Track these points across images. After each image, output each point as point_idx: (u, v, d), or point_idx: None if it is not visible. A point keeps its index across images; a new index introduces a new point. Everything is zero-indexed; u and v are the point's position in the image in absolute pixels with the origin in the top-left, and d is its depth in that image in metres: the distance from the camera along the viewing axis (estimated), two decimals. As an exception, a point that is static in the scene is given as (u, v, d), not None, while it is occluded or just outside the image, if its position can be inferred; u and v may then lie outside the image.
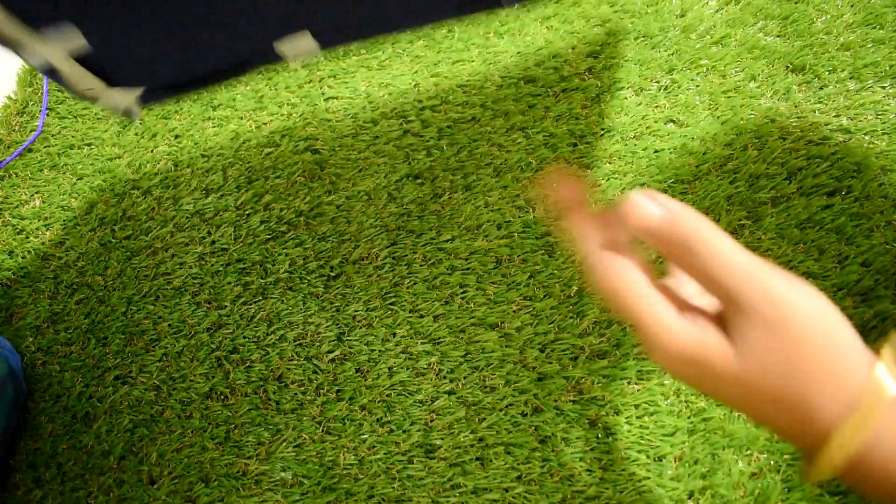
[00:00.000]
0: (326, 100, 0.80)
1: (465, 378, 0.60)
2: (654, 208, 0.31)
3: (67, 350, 0.68)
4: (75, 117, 0.85)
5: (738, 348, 0.28)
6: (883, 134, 0.62)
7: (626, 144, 0.71)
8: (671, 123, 0.71)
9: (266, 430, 0.60)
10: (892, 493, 0.26)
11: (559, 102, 0.74)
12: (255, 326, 0.65)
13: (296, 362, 0.63)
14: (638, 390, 0.56)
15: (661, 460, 0.54)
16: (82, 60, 0.41)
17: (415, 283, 0.65)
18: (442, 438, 0.57)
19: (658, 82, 0.74)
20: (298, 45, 0.45)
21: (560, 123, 0.72)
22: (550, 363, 0.59)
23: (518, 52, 0.79)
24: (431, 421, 0.58)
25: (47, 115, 0.86)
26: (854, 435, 0.26)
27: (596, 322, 0.60)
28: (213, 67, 0.45)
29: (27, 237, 0.76)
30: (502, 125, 0.73)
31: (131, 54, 0.43)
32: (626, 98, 0.74)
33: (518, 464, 0.56)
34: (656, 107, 0.73)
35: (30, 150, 0.83)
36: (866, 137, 0.62)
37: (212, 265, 0.70)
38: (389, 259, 0.66)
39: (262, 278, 0.68)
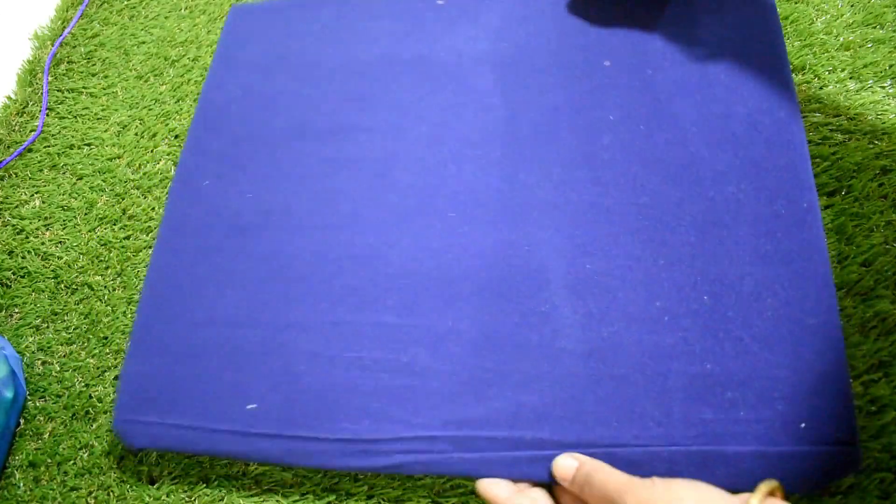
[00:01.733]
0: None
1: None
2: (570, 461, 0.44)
3: (67, 350, 0.68)
4: (75, 117, 0.85)
5: None
6: (883, 134, 0.62)
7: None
8: (671, 123, 0.71)
9: (266, 430, 0.60)
10: None
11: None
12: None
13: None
14: None
15: None
16: None
17: None
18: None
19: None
20: None
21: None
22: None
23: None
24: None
25: (47, 115, 0.86)
26: None
27: None
28: None
29: (27, 237, 0.76)
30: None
31: None
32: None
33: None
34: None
35: (30, 150, 0.83)
36: (866, 137, 0.62)
37: (212, 265, 0.69)
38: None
39: (262, 278, 0.68)
